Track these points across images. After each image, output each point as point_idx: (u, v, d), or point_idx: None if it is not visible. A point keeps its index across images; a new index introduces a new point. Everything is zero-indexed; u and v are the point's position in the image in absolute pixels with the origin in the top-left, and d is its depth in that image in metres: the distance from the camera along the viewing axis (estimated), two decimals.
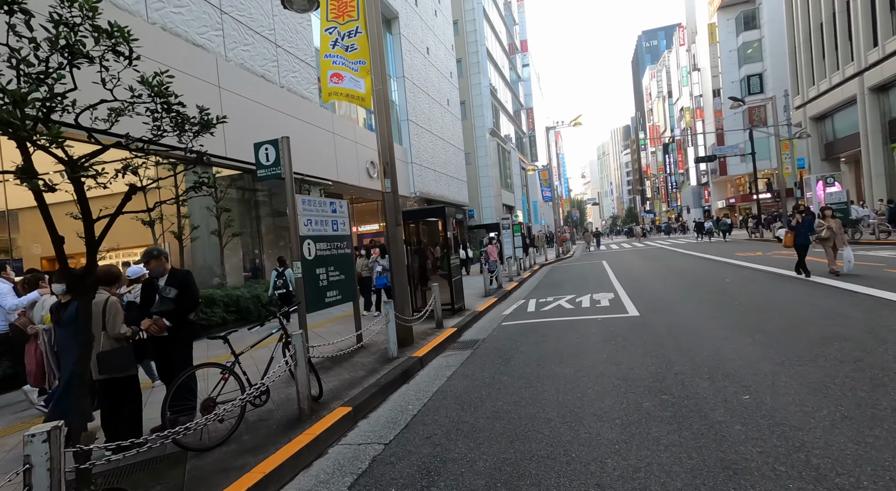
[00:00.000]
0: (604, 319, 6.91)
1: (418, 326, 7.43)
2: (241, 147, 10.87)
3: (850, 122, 26.51)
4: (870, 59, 23.37)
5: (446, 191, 26.26)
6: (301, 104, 13.85)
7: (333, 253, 5.79)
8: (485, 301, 9.94)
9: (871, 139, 23.79)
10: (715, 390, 3.60)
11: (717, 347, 4.80)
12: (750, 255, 15.36)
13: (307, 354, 3.71)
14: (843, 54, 25.71)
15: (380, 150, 6.09)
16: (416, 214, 8.60)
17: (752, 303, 6.91)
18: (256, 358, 5.26)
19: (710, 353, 4.62)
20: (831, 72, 27.13)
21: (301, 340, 3.65)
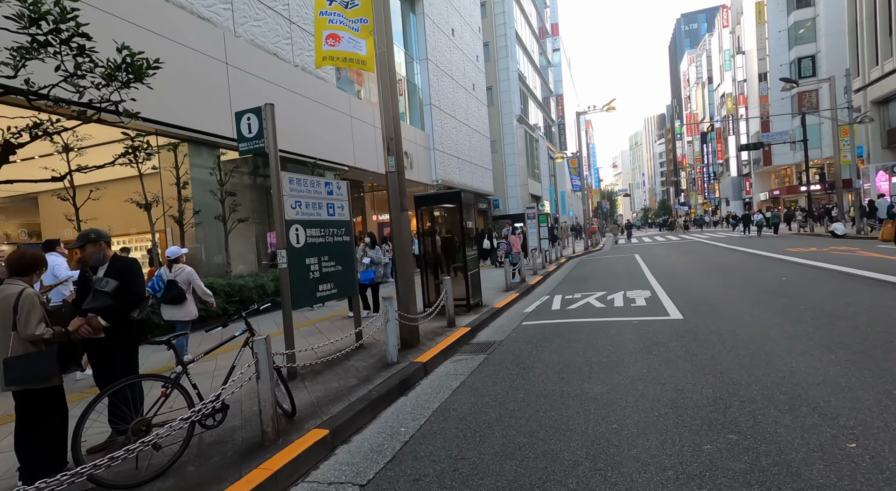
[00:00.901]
0: (640, 323, 5.96)
1: (428, 323, 6.68)
2: None
3: None
4: None
5: (470, 179, 25.33)
6: (317, 85, 13.20)
7: (328, 241, 5.07)
8: (505, 296, 9.09)
9: None
10: (802, 431, 2.68)
11: (791, 365, 3.82)
12: (803, 250, 13.87)
13: (272, 363, 3.00)
14: None
15: (383, 123, 5.31)
16: (429, 200, 7.82)
17: (823, 308, 5.81)
18: (224, 366, 4.62)
19: (783, 373, 3.66)
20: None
21: (265, 345, 2.93)
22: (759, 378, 3.59)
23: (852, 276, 8.18)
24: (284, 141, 11.76)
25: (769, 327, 5.12)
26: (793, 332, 4.83)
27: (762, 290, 7.57)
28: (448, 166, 22.45)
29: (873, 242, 15.33)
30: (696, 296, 7.57)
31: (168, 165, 8.67)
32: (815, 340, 4.48)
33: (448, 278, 6.49)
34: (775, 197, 43.98)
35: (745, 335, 4.87)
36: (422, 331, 6.22)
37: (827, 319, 5.24)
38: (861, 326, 4.78)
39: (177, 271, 5.32)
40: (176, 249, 5.41)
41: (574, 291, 9.38)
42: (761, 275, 9.32)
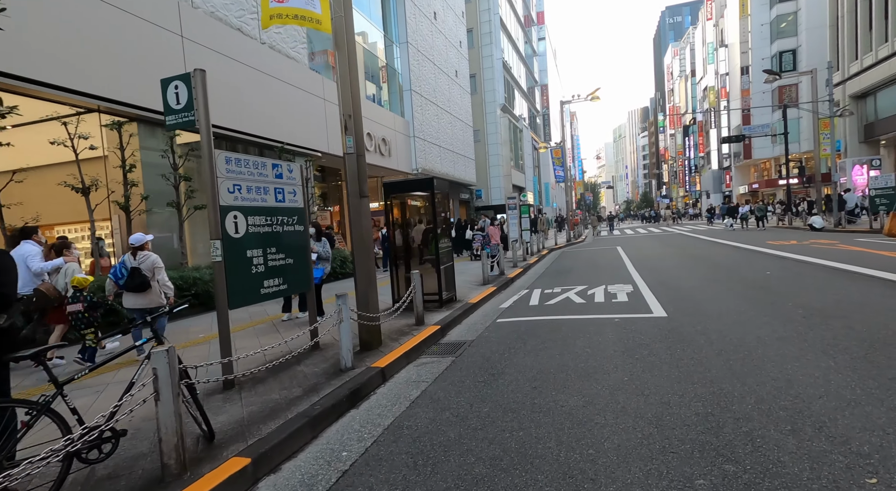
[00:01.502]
0: (622, 320, 5.55)
1: (394, 321, 6.16)
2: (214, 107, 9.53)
3: (895, 100, 24.18)
4: None
5: (452, 169, 24.74)
6: (287, 65, 12.41)
7: (277, 230, 4.48)
8: (481, 290, 8.63)
9: None
10: (811, 460, 2.26)
11: (788, 372, 3.43)
12: (784, 243, 13.76)
13: (178, 379, 2.44)
14: (894, 25, 23.23)
15: (340, 99, 4.71)
16: (399, 187, 7.24)
17: (812, 305, 5.48)
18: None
19: (779, 382, 3.26)
20: (878, 44, 24.65)
21: (165, 358, 2.37)
22: (754, 388, 3.18)
23: (837, 270, 7.94)
24: (248, 123, 11.02)
25: (759, 327, 4.75)
26: (784, 332, 4.46)
27: (747, 285, 7.25)
28: (429, 155, 21.81)
29: (852, 236, 15.35)
30: (679, 291, 7.21)
31: (114, 147, 7.89)
32: (810, 341, 4.11)
33: (417, 272, 5.96)
34: (754, 190, 44.55)
35: (734, 336, 4.49)
36: (386, 330, 5.70)
37: (818, 317, 4.89)
38: (856, 327, 4.44)
39: (141, 258, 5.16)
40: (140, 236, 5.30)
41: (554, 285, 8.97)
42: (745, 268, 9.05)
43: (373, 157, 16.85)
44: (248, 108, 10.74)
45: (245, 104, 10.64)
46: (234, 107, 10.30)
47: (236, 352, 5.15)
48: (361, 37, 18.77)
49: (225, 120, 10.01)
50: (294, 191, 4.78)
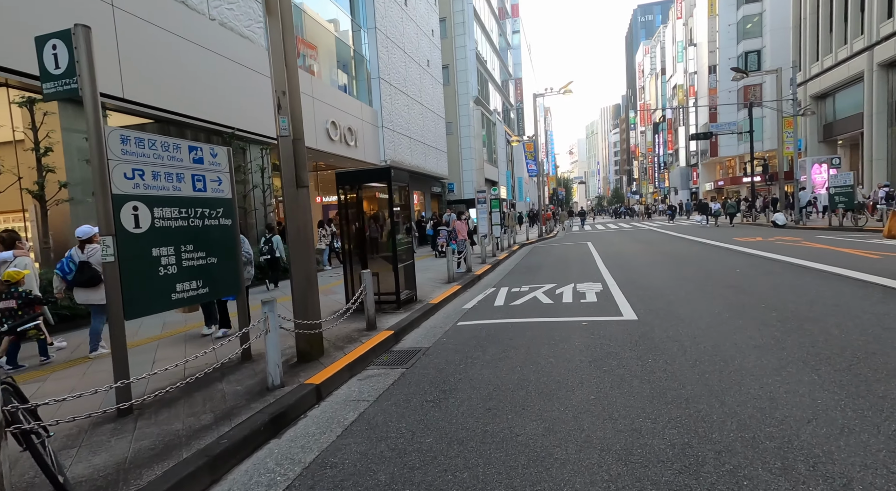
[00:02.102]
0: (590, 324, 5.15)
1: (344, 325, 5.59)
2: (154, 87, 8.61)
3: (852, 101, 25.00)
4: (882, 32, 21.66)
5: (423, 161, 24.11)
6: (240, 44, 11.47)
7: (195, 224, 3.83)
8: (446, 289, 8.12)
9: (876, 120, 22.34)
10: None
11: (769, 389, 3.06)
12: (750, 240, 13.84)
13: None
14: (853, 27, 23.94)
15: (272, 72, 4.06)
16: (353, 177, 6.61)
17: (787, 307, 5.22)
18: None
19: (761, 402, 2.88)
20: (838, 46, 25.40)
21: None
22: (734, 410, 2.79)
23: (805, 268, 7.82)
24: (196, 106, 10.05)
25: (733, 331, 4.42)
26: (761, 338, 4.14)
27: (718, 283, 7.01)
28: (398, 146, 21.10)
29: (813, 232, 15.65)
30: (649, 290, 6.90)
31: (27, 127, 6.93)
32: (788, 350, 3.78)
33: (367, 272, 5.39)
34: (720, 187, 45.76)
35: (709, 343, 4.13)
36: (333, 336, 5.13)
37: (794, 321, 4.61)
38: (833, 332, 4.15)
39: (90, 252, 4.91)
40: (88, 229, 5.01)
41: (522, 283, 8.56)
42: (714, 266, 8.88)
43: (338, 148, 16.06)
44: (196, 90, 9.82)
45: (192, 86, 9.72)
46: (179, 88, 9.39)
47: (154, 364, 4.48)
48: (333, 24, 17.86)
49: (168, 102, 9.10)
50: (219, 179, 4.12)
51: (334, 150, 15.80)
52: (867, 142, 23.12)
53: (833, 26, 25.87)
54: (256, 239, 11.82)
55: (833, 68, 25.77)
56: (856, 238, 12.60)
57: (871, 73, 22.55)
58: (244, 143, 10.94)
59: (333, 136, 15.76)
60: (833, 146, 28.10)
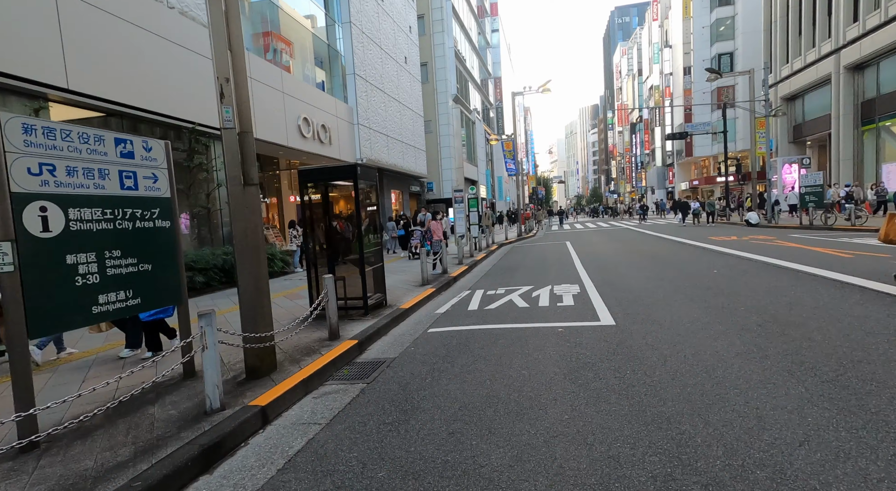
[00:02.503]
0: (566, 331, 4.88)
1: (304, 334, 5.19)
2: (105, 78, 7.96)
3: (820, 103, 25.69)
4: (848, 35, 22.27)
5: (400, 159, 23.68)
6: (203, 35, 10.85)
7: (124, 227, 3.38)
8: (419, 292, 7.78)
9: (843, 121, 22.97)
10: None
11: (756, 405, 2.82)
12: (725, 239, 13.93)
13: None
14: (821, 30, 24.58)
15: (213, 55, 3.64)
16: (315, 175, 6.19)
17: (766, 310, 5.06)
18: None
19: (748, 421, 2.63)
20: (807, 49, 26.06)
21: None
22: (720, 432, 2.53)
23: (781, 268, 7.76)
24: (149, 98, 9.27)
25: (714, 338, 4.20)
26: (742, 346, 3.93)
27: (695, 284, 6.86)
28: (375, 144, 20.63)
29: (785, 232, 15.88)
30: (627, 292, 6.70)
31: None
32: (772, 358, 3.57)
33: (329, 277, 4.99)
34: (695, 187, 46.66)
35: (689, 351, 3.90)
36: (290, 347, 4.73)
37: (774, 325, 4.43)
38: (816, 337, 3.98)
39: None
40: None
41: (498, 285, 8.28)
42: (691, 266, 8.77)
43: (310, 145, 15.52)
44: (154, 82, 9.20)
45: (149, 78, 9.10)
46: (135, 80, 8.78)
47: (84, 384, 4.00)
48: (310, 20, 17.29)
49: (121, 94, 8.49)
50: (154, 176, 3.67)
51: (307, 147, 15.27)
52: (835, 143, 23.77)
53: (802, 29, 26.52)
54: (223, 240, 11.25)
55: (802, 71, 26.42)
56: (827, 237, 12.78)
57: (838, 76, 23.17)
58: (207, 139, 10.36)
59: (306, 134, 15.22)
60: (802, 147, 28.86)
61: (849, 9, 22.35)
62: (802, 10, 26.26)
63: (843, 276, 6.53)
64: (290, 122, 14.44)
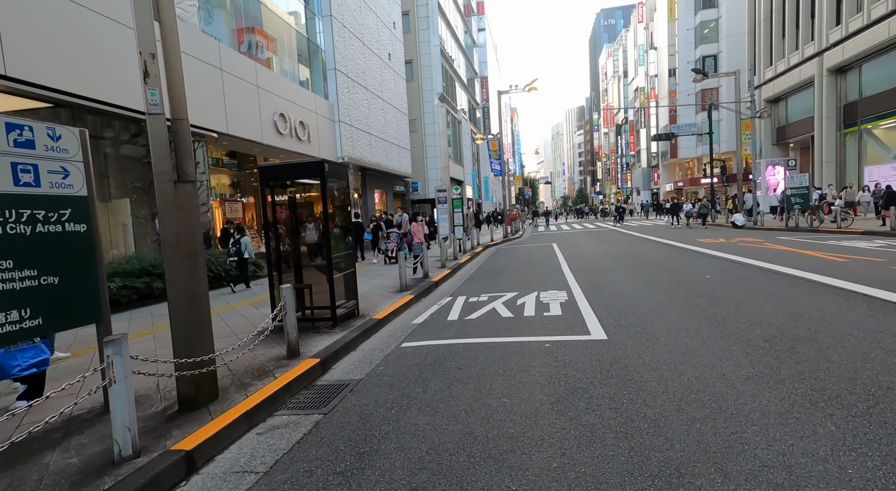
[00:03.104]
0: (554, 346, 4.39)
1: (261, 351, 4.60)
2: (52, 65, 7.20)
3: (804, 106, 25.84)
4: (831, 38, 22.37)
5: (384, 158, 23.06)
6: None
7: (19, 231, 2.77)
8: (396, 299, 7.23)
9: (826, 124, 23.08)
10: None
11: (781, 451, 2.35)
12: (713, 241, 13.67)
13: None
14: (804, 33, 24.70)
15: (136, 27, 3.04)
16: (279, 172, 5.60)
17: (770, 322, 4.64)
18: None
19: (776, 474, 2.15)
20: (790, 52, 26.20)
21: None
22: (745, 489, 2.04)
23: (776, 273, 7.42)
24: (102, 88, 8.47)
25: (718, 356, 3.75)
26: (751, 367, 3.48)
27: (690, 291, 6.45)
28: (357, 142, 19.98)
29: (772, 233, 15.73)
30: (618, 299, 6.26)
31: None
32: (788, 383, 3.12)
33: (287, 287, 4.41)
34: (679, 188, 46.94)
35: (692, 374, 3.43)
36: (241, 368, 4.14)
37: (783, 341, 4.00)
38: (832, 357, 3.55)
39: None
40: None
41: (481, 291, 7.78)
42: (683, 271, 8.39)
43: (287, 142, 14.83)
44: (108, 71, 8.48)
45: (101, 66, 8.37)
46: (85, 68, 8.05)
47: None
48: (292, 16, 16.60)
49: (68, 83, 7.76)
50: (64, 170, 3.06)
51: (283, 144, 14.58)
52: (817, 145, 23.88)
53: (786, 32, 26.66)
54: None
55: (786, 73, 26.55)
56: (814, 239, 12.60)
57: (821, 78, 23.28)
58: None
59: (282, 130, 14.53)
60: (785, 149, 29.04)
61: (832, 11, 22.46)
62: (786, 12, 26.39)
63: (844, 282, 6.18)
64: (265, 117, 13.74)
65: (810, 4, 24.17)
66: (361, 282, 9.16)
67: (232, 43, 13.46)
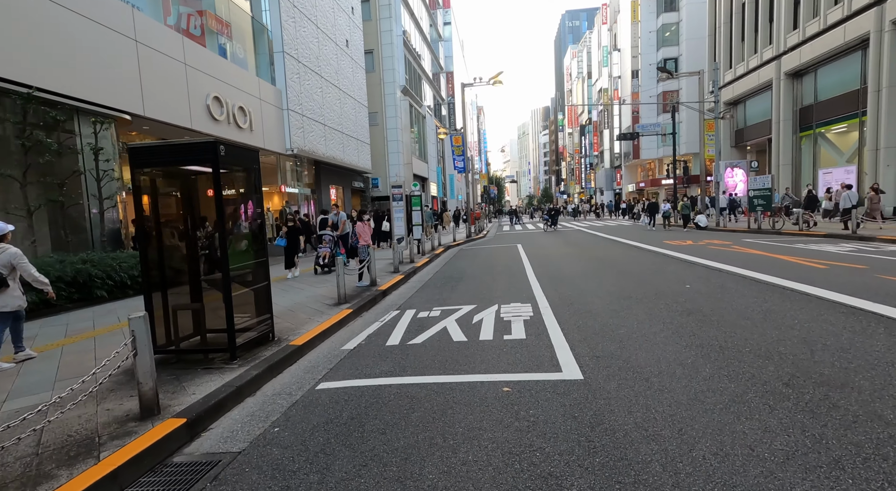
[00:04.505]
0: (515, 391, 3.31)
1: (107, 404, 3.28)
2: None
3: (761, 108, 26.26)
4: (789, 42, 22.68)
5: (340, 152, 21.54)
6: None
7: None
8: (330, 315, 5.99)
9: (783, 127, 23.43)
10: None
11: None
12: (681, 244, 13.14)
13: None
14: (763, 37, 25.03)
15: None
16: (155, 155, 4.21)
17: (780, 352, 3.75)
18: None
19: None
20: (749, 55, 26.55)
21: None
22: None
23: (761, 283, 6.69)
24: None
25: (734, 413, 2.77)
26: (784, 433, 2.50)
27: (672, 307, 5.56)
28: (310, 133, 18.40)
29: (736, 235, 15.46)
30: (591, 316, 5.28)
31: None
32: (847, 465, 2.15)
33: (140, 317, 3.09)
34: (641, 188, 47.60)
35: (708, 447, 2.41)
36: (60, 436, 2.82)
37: (808, 383, 3.08)
38: (888, 415, 2.63)
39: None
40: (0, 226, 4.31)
41: (434, 303, 6.66)
42: (658, 279, 7.57)
43: (224, 130, 13.18)
44: None
45: None
46: None
47: None
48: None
49: None
50: None
51: (219, 132, 12.91)
52: (775, 148, 24.25)
53: (745, 35, 27.01)
54: (92, 243, 8.84)
55: (744, 76, 26.92)
56: (781, 242, 12.26)
57: (778, 82, 23.60)
58: (60, 112, 7.90)
59: (217, 116, 12.87)
60: (743, 151, 29.57)
61: (790, 16, 22.76)
62: (746, 15, 26.72)
63: (841, 296, 5.46)
64: (195, 100, 12.06)
65: (769, 8, 24.49)
66: (293, 292, 7.82)
67: (155, 14, 11.70)
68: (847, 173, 19.93)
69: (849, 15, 18.62)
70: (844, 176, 19.92)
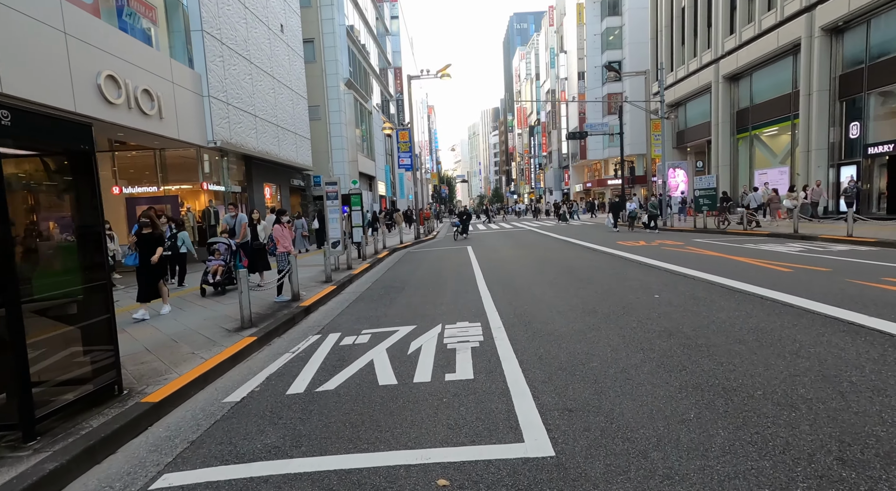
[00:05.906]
0: (454, 483, 2.17)
1: None
2: None
3: (701, 111, 27.09)
4: (726, 46, 23.39)
5: (275, 147, 19.62)
6: None
7: None
8: (225, 346, 4.59)
9: (721, 129, 24.17)
10: None
11: None
12: (634, 245, 12.69)
13: None
14: (702, 41, 25.77)
15: None
16: None
17: (804, 396, 2.90)
18: None
19: None
20: (689, 59, 27.31)
21: None
22: None
23: (732, 290, 6.03)
24: None
25: None
26: None
27: (648, 325, 4.67)
28: (237, 125, 16.43)
29: (686, 235, 15.36)
30: (555, 342, 4.27)
31: None
32: None
33: None
34: (588, 188, 48.55)
35: None
36: None
37: (864, 451, 2.18)
38: None
39: None
40: None
41: (365, 324, 5.42)
42: (622, 287, 6.76)
43: (125, 116, 11.14)
44: None
45: None
46: None
47: None
48: None
49: None
50: None
51: (118, 118, 10.87)
52: (714, 149, 25.01)
53: (685, 39, 27.76)
54: None
55: (685, 79, 27.67)
56: (730, 242, 12.10)
57: (717, 85, 24.32)
58: None
59: (113, 99, 10.80)
60: (684, 152, 30.49)
61: (727, 21, 23.47)
62: (685, 20, 27.46)
63: (832, 308, 4.80)
64: (81, 79, 9.98)
65: (707, 13, 25.21)
66: (187, 314, 5.95)
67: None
68: (781, 174, 20.74)
69: (781, 21, 19.29)
70: (779, 177, 20.71)
